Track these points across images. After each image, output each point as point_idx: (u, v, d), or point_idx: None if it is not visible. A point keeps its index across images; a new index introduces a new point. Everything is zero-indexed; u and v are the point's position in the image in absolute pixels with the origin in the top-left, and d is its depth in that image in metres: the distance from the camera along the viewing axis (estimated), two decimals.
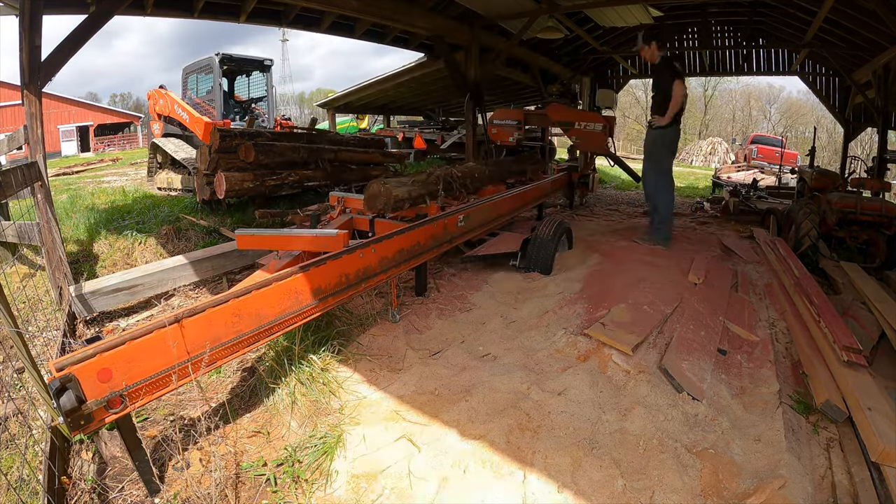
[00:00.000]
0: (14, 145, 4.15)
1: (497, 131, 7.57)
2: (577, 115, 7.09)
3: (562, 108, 7.39)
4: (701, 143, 28.68)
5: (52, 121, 26.90)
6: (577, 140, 6.98)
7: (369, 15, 6.87)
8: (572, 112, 7.26)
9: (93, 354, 1.63)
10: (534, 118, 7.64)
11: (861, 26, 7.17)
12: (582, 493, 1.87)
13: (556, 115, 7.12)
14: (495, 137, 7.57)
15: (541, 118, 7.56)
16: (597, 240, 5.64)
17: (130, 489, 1.95)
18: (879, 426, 2.14)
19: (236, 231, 3.01)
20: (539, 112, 7.70)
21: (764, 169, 14.85)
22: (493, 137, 7.59)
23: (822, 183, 6.35)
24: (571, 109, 7.58)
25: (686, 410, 2.32)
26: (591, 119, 6.90)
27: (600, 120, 6.83)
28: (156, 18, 6.17)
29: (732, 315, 3.47)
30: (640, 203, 10.02)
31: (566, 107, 7.63)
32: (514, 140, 7.41)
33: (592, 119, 6.90)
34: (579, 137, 6.96)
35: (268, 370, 2.59)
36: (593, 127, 6.79)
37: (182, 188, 7.94)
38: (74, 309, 3.26)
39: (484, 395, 2.41)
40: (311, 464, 2.06)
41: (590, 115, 7.09)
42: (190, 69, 9.05)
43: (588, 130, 6.86)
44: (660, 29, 8.19)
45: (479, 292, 4.01)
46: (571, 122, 7.00)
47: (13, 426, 2.40)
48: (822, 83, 10.67)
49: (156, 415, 2.48)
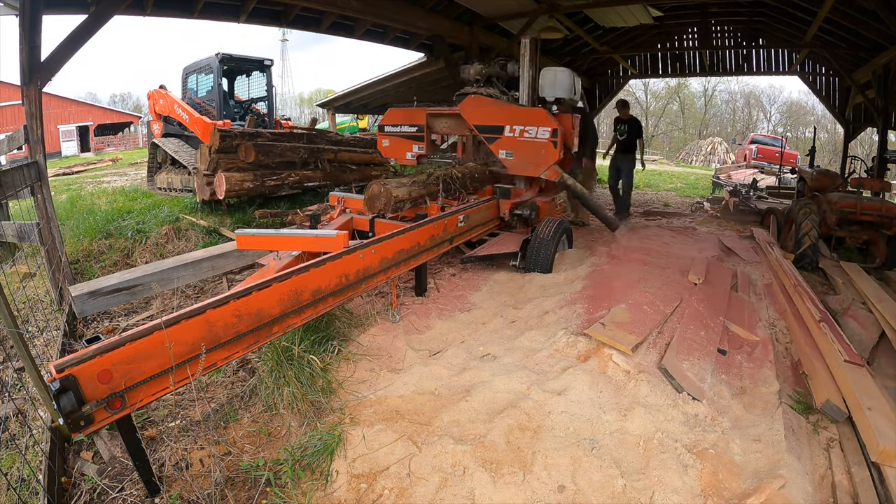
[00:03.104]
0: (14, 145, 4.15)
1: (389, 144, 5.44)
2: (507, 113, 4.68)
3: (482, 102, 4.87)
4: (701, 143, 28.68)
5: (52, 121, 26.89)
6: (508, 156, 4.66)
7: (369, 15, 6.88)
8: (500, 109, 4.72)
9: (93, 356, 1.63)
10: (444, 122, 5.28)
11: (861, 26, 7.17)
12: (582, 493, 1.87)
13: (473, 114, 4.85)
14: (387, 153, 5.56)
15: (453, 121, 5.19)
16: (597, 240, 5.64)
17: (130, 489, 1.95)
18: (879, 426, 2.14)
19: (236, 231, 3.02)
20: (450, 111, 5.13)
21: (764, 169, 14.85)
22: (384, 154, 5.62)
23: (822, 183, 6.35)
24: (498, 104, 4.76)
25: (686, 410, 2.32)
26: (533, 120, 4.53)
27: (547, 122, 4.45)
28: (156, 18, 6.16)
29: (732, 315, 3.47)
30: (640, 203, 10.03)
31: (490, 100, 4.88)
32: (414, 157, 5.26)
33: (535, 120, 4.53)
34: (513, 151, 4.62)
35: (268, 370, 2.59)
36: (535, 134, 4.49)
37: (182, 188, 7.94)
38: (74, 309, 3.26)
39: (484, 396, 2.41)
40: (310, 464, 2.06)
41: (531, 114, 4.60)
42: (190, 69, 9.05)
43: (527, 141, 4.52)
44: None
45: (479, 292, 4.01)
46: (498, 126, 4.67)
47: (13, 426, 2.40)
48: (822, 83, 10.68)
49: (156, 415, 2.48)
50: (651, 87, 40.75)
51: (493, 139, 4.77)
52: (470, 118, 4.91)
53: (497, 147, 4.75)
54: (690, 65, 11.96)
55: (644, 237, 5.73)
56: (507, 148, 4.70)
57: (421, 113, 5.28)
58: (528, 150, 4.58)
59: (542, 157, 4.54)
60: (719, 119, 42.18)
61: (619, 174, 7.74)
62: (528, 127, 4.56)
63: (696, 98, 41.64)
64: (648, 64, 12.65)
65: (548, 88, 4.88)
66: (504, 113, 4.72)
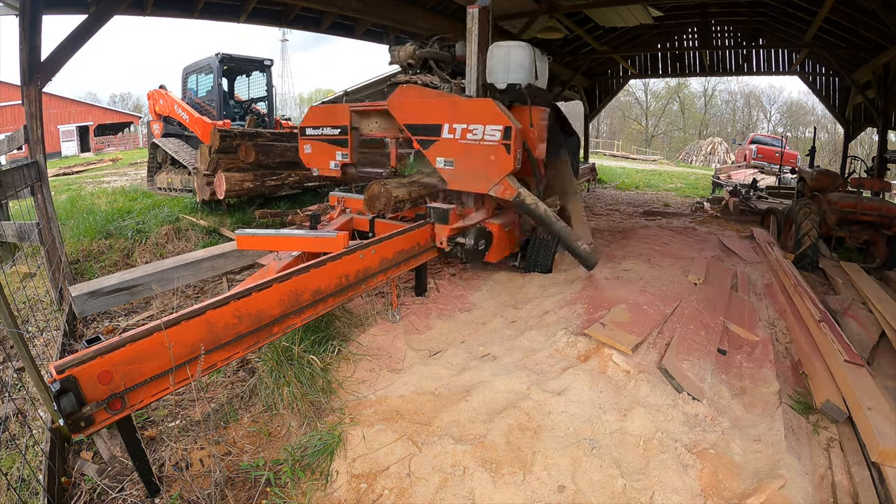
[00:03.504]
0: (14, 145, 4.15)
1: (311, 150, 4.46)
2: (446, 107, 3.54)
3: (417, 93, 3.74)
4: (701, 143, 28.69)
5: (52, 121, 26.89)
6: (447, 165, 3.58)
7: (369, 15, 6.87)
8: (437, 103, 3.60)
9: (93, 356, 1.63)
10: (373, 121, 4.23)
11: (861, 26, 7.18)
12: (582, 492, 1.87)
13: (403, 110, 3.75)
14: (309, 162, 4.55)
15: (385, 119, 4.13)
16: (597, 239, 5.64)
17: (130, 489, 1.95)
18: (879, 426, 2.14)
19: (236, 231, 3.02)
20: (380, 107, 4.05)
21: (764, 169, 14.85)
22: (305, 163, 4.61)
23: (822, 183, 6.35)
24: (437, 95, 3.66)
25: (686, 410, 2.32)
26: (479, 115, 3.40)
27: (496, 118, 3.34)
28: (156, 18, 6.16)
29: (732, 315, 3.47)
30: (640, 203, 10.03)
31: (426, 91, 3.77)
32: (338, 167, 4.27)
33: (480, 115, 3.40)
34: (453, 159, 3.54)
35: (268, 370, 2.59)
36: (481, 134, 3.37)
37: (182, 188, 7.94)
38: (74, 309, 3.26)
39: (484, 396, 2.41)
40: (310, 464, 2.06)
41: (476, 108, 3.44)
42: (190, 69, 9.05)
43: (471, 143, 3.42)
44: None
45: (479, 292, 4.01)
46: (435, 125, 3.56)
47: (13, 426, 2.40)
48: (822, 83, 10.68)
49: (156, 415, 2.48)
50: (651, 87, 40.81)
51: (429, 143, 3.59)
52: (399, 115, 3.74)
53: (433, 153, 3.61)
54: (690, 65, 11.96)
55: (641, 243, 5.72)
56: (445, 154, 3.56)
57: (343, 110, 4.17)
58: (473, 156, 3.43)
59: (491, 166, 3.39)
60: (719, 119, 42.20)
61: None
62: (472, 125, 3.40)
63: (696, 98, 41.66)
64: (648, 64, 12.66)
65: (498, 72, 3.56)
66: (442, 107, 3.55)
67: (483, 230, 3.63)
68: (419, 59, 4.08)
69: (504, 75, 3.61)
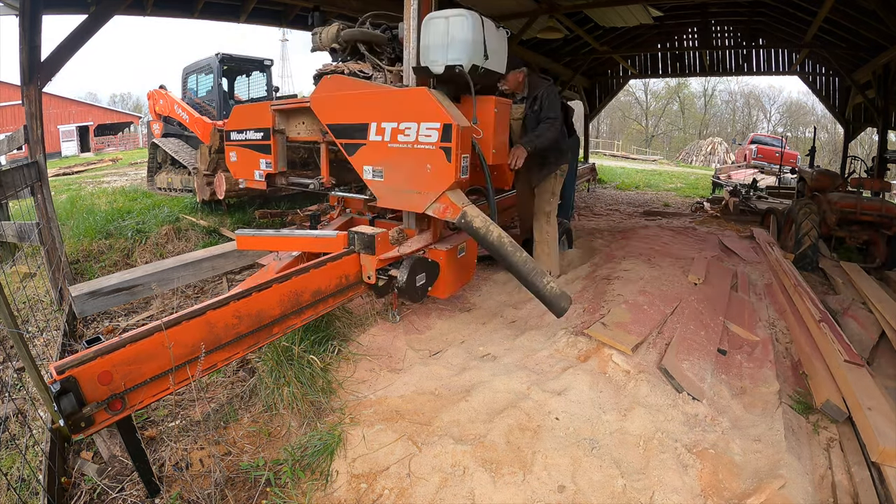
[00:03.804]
0: (14, 145, 4.15)
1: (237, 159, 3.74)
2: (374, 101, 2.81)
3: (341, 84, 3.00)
4: (701, 143, 28.70)
5: (52, 121, 26.90)
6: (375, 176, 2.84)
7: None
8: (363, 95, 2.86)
9: (93, 357, 1.63)
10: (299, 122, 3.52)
11: (861, 26, 7.17)
12: (582, 493, 1.87)
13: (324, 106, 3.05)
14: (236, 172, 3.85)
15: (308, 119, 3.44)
16: (597, 239, 5.64)
17: (130, 489, 1.95)
18: (879, 426, 2.14)
19: (236, 231, 3.02)
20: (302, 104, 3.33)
21: (764, 169, 14.86)
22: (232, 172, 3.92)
23: (822, 183, 6.35)
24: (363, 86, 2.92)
25: (686, 410, 2.33)
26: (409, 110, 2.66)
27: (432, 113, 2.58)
28: (156, 18, 6.16)
29: (732, 315, 3.47)
30: (640, 203, 10.04)
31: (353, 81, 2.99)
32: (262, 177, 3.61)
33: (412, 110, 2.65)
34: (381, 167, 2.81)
35: (268, 370, 2.59)
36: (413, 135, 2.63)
37: (182, 188, 7.95)
38: (74, 309, 3.26)
39: (484, 395, 2.41)
40: (310, 464, 2.06)
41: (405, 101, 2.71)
42: (190, 69, 9.06)
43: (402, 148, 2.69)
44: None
45: (479, 292, 4.01)
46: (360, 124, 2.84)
47: (13, 426, 2.40)
48: (822, 83, 10.68)
49: (156, 415, 2.48)
50: (651, 87, 40.81)
51: (354, 147, 2.87)
52: (321, 113, 3.05)
53: (359, 160, 2.88)
54: (690, 65, 11.96)
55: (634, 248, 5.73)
56: (373, 161, 2.83)
57: (265, 110, 3.46)
58: (406, 164, 2.70)
59: (426, 177, 2.64)
60: (719, 119, 42.21)
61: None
62: (403, 124, 2.67)
63: (696, 98, 41.67)
64: (648, 64, 12.66)
65: (437, 50, 2.64)
66: (369, 101, 2.81)
67: (421, 261, 2.80)
68: (346, 42, 3.18)
69: (443, 54, 2.62)
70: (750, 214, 8.00)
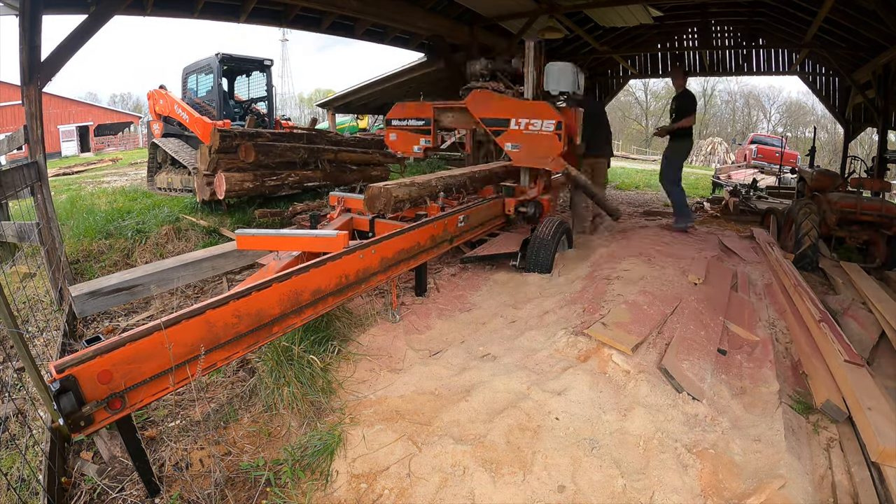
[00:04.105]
0: (14, 145, 4.15)
1: (396, 138, 5.61)
2: (513, 107, 4.81)
3: (488, 96, 4.97)
4: (701, 143, 28.67)
5: (52, 121, 26.90)
6: (514, 148, 4.83)
7: (369, 15, 6.88)
8: (505, 103, 4.88)
9: (93, 356, 1.63)
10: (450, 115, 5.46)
11: (861, 26, 7.18)
12: (582, 493, 1.87)
13: (479, 108, 4.96)
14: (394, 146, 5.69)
15: (460, 115, 5.36)
16: (597, 239, 5.64)
17: (130, 489, 1.95)
18: (879, 426, 2.14)
19: (236, 231, 3.02)
20: (456, 105, 5.26)
21: (764, 169, 14.86)
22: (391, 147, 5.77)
23: (822, 183, 6.35)
24: (504, 98, 4.92)
25: (686, 410, 2.32)
26: (538, 113, 4.69)
27: (552, 115, 4.61)
28: (156, 18, 6.17)
29: (732, 315, 3.47)
30: (640, 203, 10.03)
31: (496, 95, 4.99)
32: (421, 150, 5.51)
33: (539, 113, 4.68)
34: (519, 144, 4.79)
35: (268, 370, 2.59)
36: (540, 126, 4.65)
37: (182, 188, 7.95)
38: (74, 309, 3.26)
39: (484, 395, 2.41)
40: (310, 464, 2.06)
41: (536, 108, 4.73)
42: (190, 69, 9.06)
43: (532, 133, 4.70)
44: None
45: (479, 292, 4.01)
46: (504, 119, 4.83)
47: (13, 426, 2.40)
48: (822, 83, 10.69)
49: (156, 415, 2.48)
50: (651, 87, 40.83)
51: (500, 132, 4.95)
52: (476, 112, 5.02)
53: (503, 140, 4.91)
54: (690, 65, 11.96)
55: (643, 237, 5.73)
56: (513, 140, 4.87)
57: (428, 107, 5.43)
58: (534, 142, 4.72)
59: (546, 148, 4.70)
60: (719, 119, 42.23)
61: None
62: (533, 120, 4.72)
63: (696, 98, 41.64)
64: (648, 64, 12.66)
65: (552, 83, 5.01)
66: (509, 107, 4.87)
67: (538, 202, 4.92)
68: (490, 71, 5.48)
69: (556, 85, 4.97)
70: (750, 214, 8.00)
